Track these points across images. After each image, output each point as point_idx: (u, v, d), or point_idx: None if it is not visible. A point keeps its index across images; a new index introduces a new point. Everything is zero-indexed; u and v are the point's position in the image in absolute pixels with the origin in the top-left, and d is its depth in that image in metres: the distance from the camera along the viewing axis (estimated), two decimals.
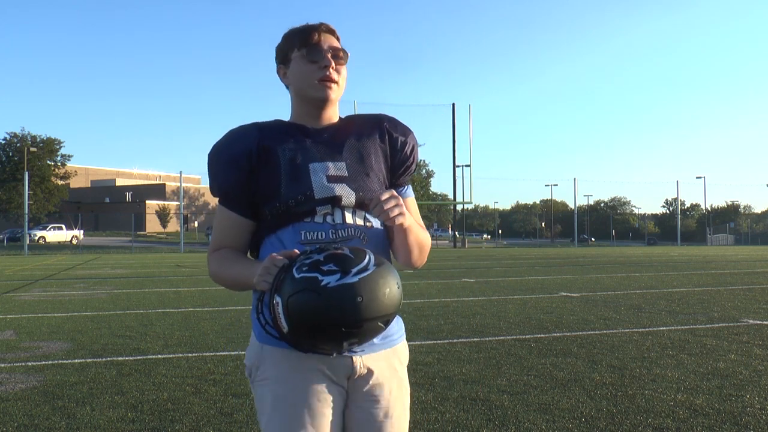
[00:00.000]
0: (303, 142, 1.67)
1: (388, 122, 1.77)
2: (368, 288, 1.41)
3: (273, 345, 1.61)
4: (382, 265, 1.47)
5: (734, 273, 17.42)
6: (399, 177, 1.78)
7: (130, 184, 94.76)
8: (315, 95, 1.67)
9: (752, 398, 4.40)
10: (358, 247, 1.52)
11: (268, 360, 1.62)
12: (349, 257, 1.44)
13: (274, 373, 1.61)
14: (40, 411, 4.20)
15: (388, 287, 1.45)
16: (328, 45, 1.68)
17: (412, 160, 1.79)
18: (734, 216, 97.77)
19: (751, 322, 7.85)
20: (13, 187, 61.23)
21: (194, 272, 19.19)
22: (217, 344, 6.54)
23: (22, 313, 9.19)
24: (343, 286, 1.39)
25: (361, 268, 1.43)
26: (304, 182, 1.63)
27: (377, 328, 1.46)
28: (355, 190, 1.66)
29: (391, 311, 1.47)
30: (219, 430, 3.81)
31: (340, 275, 1.40)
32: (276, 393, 1.59)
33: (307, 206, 1.62)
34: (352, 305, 1.39)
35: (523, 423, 3.88)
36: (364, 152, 1.71)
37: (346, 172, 1.67)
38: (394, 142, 1.76)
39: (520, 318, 8.30)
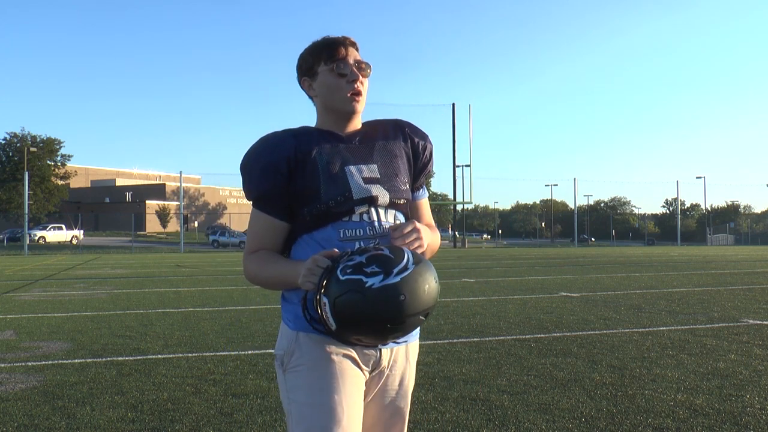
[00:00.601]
0: (337, 146, 1.78)
1: (408, 127, 1.90)
2: (409, 286, 1.51)
3: (308, 332, 1.70)
4: (420, 262, 1.57)
5: (734, 273, 17.42)
6: (418, 179, 1.91)
7: (130, 184, 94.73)
8: (344, 108, 1.78)
9: (752, 398, 4.40)
10: (397, 246, 1.62)
11: (304, 346, 1.70)
12: (390, 257, 1.53)
13: (309, 359, 1.68)
14: (40, 411, 4.20)
15: (427, 283, 1.55)
16: (354, 59, 1.78)
17: (430, 164, 1.92)
18: (734, 216, 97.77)
19: (751, 322, 7.85)
20: (13, 187, 61.23)
21: (194, 272, 19.20)
22: (217, 344, 6.54)
23: (22, 313, 9.19)
24: (387, 287, 1.49)
25: (402, 268, 1.52)
26: (343, 184, 1.73)
27: (418, 322, 1.57)
28: (387, 190, 1.77)
29: (431, 305, 1.57)
30: (219, 430, 3.81)
31: (382, 276, 1.49)
32: (312, 379, 1.67)
33: (346, 206, 1.72)
34: (396, 304, 1.49)
35: (523, 423, 3.88)
36: (392, 155, 1.83)
37: (378, 173, 1.78)
38: (416, 146, 1.88)
39: (520, 318, 8.30)
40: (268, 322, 8.05)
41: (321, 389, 1.65)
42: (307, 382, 1.67)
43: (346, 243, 1.71)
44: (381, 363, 1.76)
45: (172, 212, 77.86)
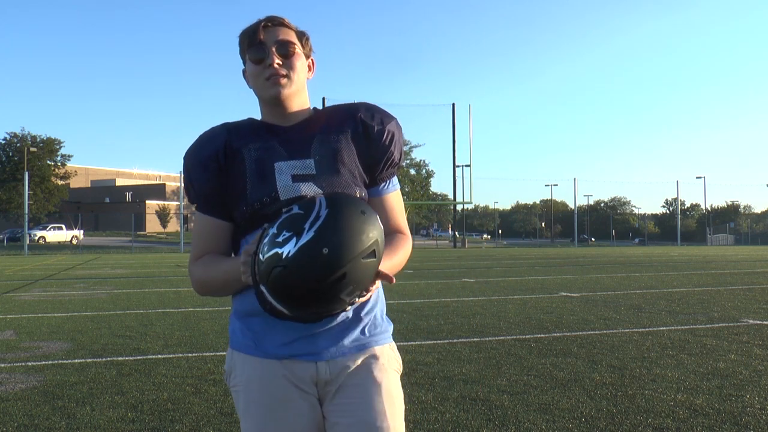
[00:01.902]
0: (270, 140, 1.60)
1: (363, 111, 1.65)
2: (328, 235, 1.33)
3: (240, 351, 1.60)
4: (335, 203, 1.38)
5: (734, 273, 17.41)
6: (381, 171, 1.66)
7: (130, 184, 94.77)
8: (267, 95, 1.60)
9: (752, 398, 4.40)
10: (310, 197, 1.45)
11: (237, 366, 1.61)
12: (299, 213, 1.37)
13: (243, 380, 1.59)
14: (40, 411, 4.20)
15: (351, 221, 1.36)
16: (274, 39, 1.60)
17: (392, 151, 1.65)
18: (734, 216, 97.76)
19: (751, 322, 7.84)
20: (13, 187, 61.23)
21: None
22: (217, 344, 6.54)
23: (22, 313, 9.19)
24: (302, 248, 1.32)
25: (314, 219, 1.35)
26: (270, 183, 1.56)
27: (369, 265, 1.37)
28: (323, 188, 1.57)
29: (368, 243, 1.36)
30: (219, 430, 3.81)
31: (295, 238, 1.33)
32: (245, 401, 1.59)
33: (272, 208, 1.54)
34: (321, 260, 1.31)
35: (523, 423, 3.88)
36: (335, 147, 1.61)
37: (314, 169, 1.58)
38: (370, 132, 1.63)
39: (520, 318, 8.30)
40: None
41: (251, 415, 1.57)
42: (242, 406, 1.60)
43: None
44: (320, 376, 1.56)
45: (172, 212, 77.87)
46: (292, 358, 1.56)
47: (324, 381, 1.57)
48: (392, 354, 1.65)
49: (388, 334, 1.67)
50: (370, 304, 1.64)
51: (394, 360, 1.65)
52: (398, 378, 1.65)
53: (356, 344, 1.59)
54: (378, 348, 1.62)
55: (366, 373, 1.58)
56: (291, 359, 1.56)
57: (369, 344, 1.61)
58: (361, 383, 1.57)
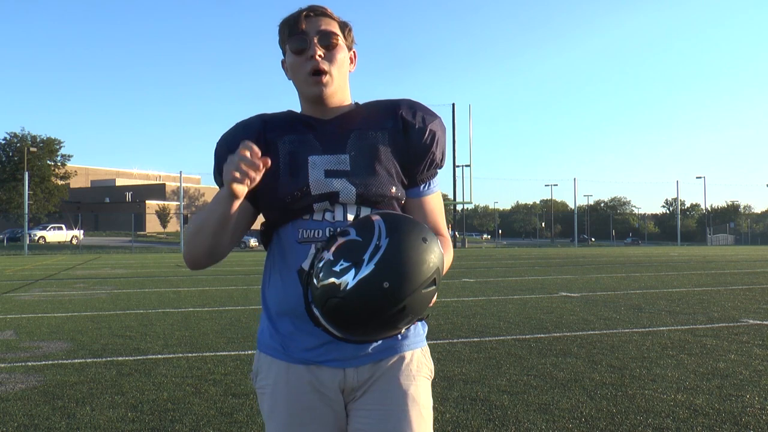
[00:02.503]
0: (306, 134, 1.56)
1: (405, 108, 1.58)
2: (389, 268, 1.27)
3: (267, 353, 1.58)
4: (395, 229, 1.31)
5: (734, 273, 17.41)
6: (422, 171, 1.59)
7: (130, 184, 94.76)
8: (308, 93, 1.55)
9: (752, 398, 4.40)
10: (365, 219, 1.37)
11: (264, 369, 1.58)
12: (357, 241, 1.31)
13: (269, 384, 1.56)
14: (40, 411, 4.20)
15: (413, 251, 1.29)
16: (316, 29, 1.52)
17: (433, 151, 1.58)
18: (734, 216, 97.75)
19: (751, 322, 7.84)
20: (13, 187, 61.23)
21: (194, 272, 19.19)
22: (217, 344, 6.54)
23: (22, 313, 9.19)
24: (362, 282, 1.27)
25: (373, 249, 1.28)
26: (302, 177, 1.52)
27: (428, 294, 1.32)
28: (356, 185, 1.51)
29: (428, 273, 1.30)
30: (219, 430, 3.81)
31: (354, 270, 1.27)
32: (270, 405, 1.56)
33: (303, 203, 1.51)
34: (382, 294, 1.26)
35: (523, 423, 3.88)
36: (372, 143, 1.54)
37: (349, 165, 1.52)
38: (410, 129, 1.56)
39: (520, 318, 8.30)
40: None
41: (275, 420, 1.54)
42: (267, 409, 1.57)
43: (303, 245, 1.51)
44: (347, 383, 1.52)
45: (172, 212, 77.86)
46: (319, 364, 1.52)
47: (351, 388, 1.53)
48: (423, 360, 1.58)
49: (421, 338, 1.60)
50: None
51: (424, 366, 1.58)
52: (428, 385, 1.58)
53: (385, 348, 1.53)
54: (408, 353, 1.55)
55: (392, 378, 1.52)
56: (318, 365, 1.52)
57: (399, 348, 1.54)
58: (386, 389, 1.52)
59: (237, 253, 38.91)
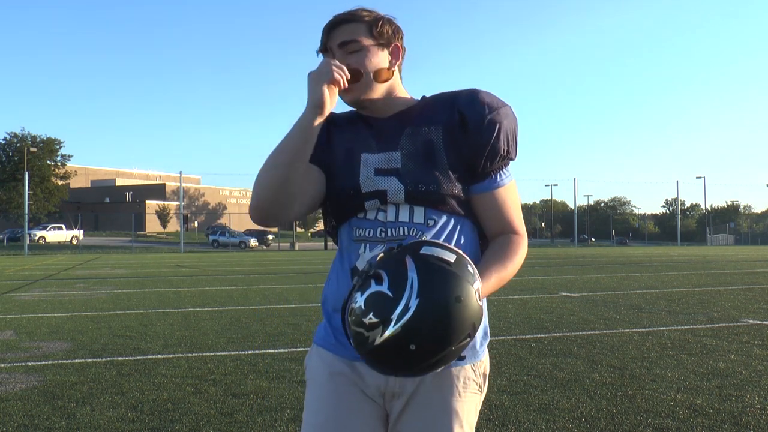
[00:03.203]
0: (362, 131, 1.55)
1: (464, 99, 1.51)
2: (416, 331, 1.22)
3: (320, 346, 1.59)
4: (428, 290, 1.24)
5: (734, 273, 17.42)
6: (485, 164, 1.50)
7: (130, 184, 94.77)
8: (344, 101, 1.55)
9: (752, 398, 4.40)
10: (397, 267, 1.27)
11: (314, 359, 1.60)
12: (388, 297, 1.24)
13: (316, 375, 1.57)
14: (40, 411, 4.20)
15: (443, 315, 1.23)
16: (336, 43, 1.51)
17: (493, 143, 1.48)
18: (734, 216, 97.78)
19: (751, 322, 7.85)
20: (13, 187, 61.23)
21: (194, 272, 19.20)
22: (217, 344, 6.54)
23: (22, 313, 9.19)
24: (390, 341, 1.23)
25: (402, 309, 1.22)
26: (354, 175, 1.51)
27: (457, 350, 1.27)
28: (407, 184, 1.47)
29: (462, 332, 1.25)
30: (219, 430, 3.81)
31: (381, 327, 1.23)
32: (314, 395, 1.56)
33: (355, 201, 1.51)
34: (408, 355, 1.24)
35: (523, 423, 3.88)
36: (425, 139, 1.50)
37: (399, 163, 1.49)
38: (468, 123, 1.48)
39: (520, 318, 8.30)
40: (268, 322, 8.05)
41: (316, 410, 1.54)
42: (309, 399, 1.57)
43: (357, 244, 1.52)
44: (392, 387, 1.50)
45: (172, 212, 77.87)
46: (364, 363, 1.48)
47: (391, 393, 1.50)
48: (473, 375, 1.53)
49: (477, 352, 1.54)
50: None
51: (473, 382, 1.53)
52: (475, 401, 1.54)
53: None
54: (456, 369, 1.50)
55: (436, 394, 1.48)
56: (362, 363, 1.49)
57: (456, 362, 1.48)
58: (428, 404, 1.48)
59: (237, 253, 38.91)
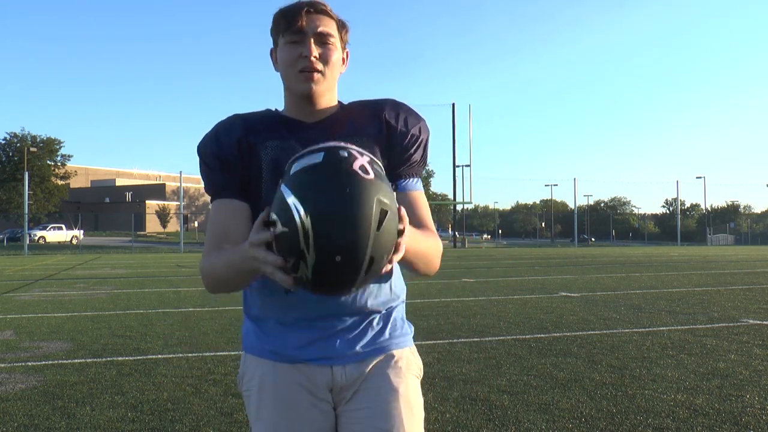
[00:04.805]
0: (288, 139, 1.51)
1: (388, 110, 1.55)
2: (328, 241, 1.17)
3: (253, 354, 1.56)
4: (310, 203, 1.18)
5: (734, 273, 17.41)
6: (403, 169, 1.56)
7: (130, 184, 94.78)
8: (297, 89, 1.50)
9: (752, 398, 4.40)
10: (279, 199, 1.22)
11: (250, 369, 1.56)
12: (285, 234, 1.20)
13: (255, 385, 1.54)
14: (40, 411, 4.20)
15: (339, 213, 1.17)
16: (314, 29, 1.48)
17: (414, 150, 1.55)
18: (734, 216, 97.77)
19: (751, 322, 7.85)
20: (13, 187, 61.24)
21: (194, 272, 19.19)
22: (217, 344, 6.54)
23: (22, 313, 9.19)
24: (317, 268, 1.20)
25: (304, 236, 1.18)
26: None
27: (386, 231, 1.21)
28: None
29: (368, 217, 1.18)
30: (219, 430, 3.81)
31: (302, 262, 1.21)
32: (257, 406, 1.53)
33: None
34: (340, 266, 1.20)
35: (523, 423, 3.88)
36: (357, 144, 1.48)
37: None
38: (393, 131, 1.54)
39: (520, 318, 8.30)
40: None
41: (262, 420, 1.51)
42: (253, 410, 1.54)
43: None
44: (336, 382, 1.50)
45: (172, 212, 77.86)
46: (307, 362, 1.51)
47: (340, 386, 1.52)
48: (412, 358, 1.58)
49: (409, 338, 1.61)
50: (389, 306, 1.58)
51: (414, 364, 1.58)
52: (418, 383, 1.58)
53: (374, 347, 1.53)
54: (397, 351, 1.55)
55: (382, 377, 1.52)
56: (305, 363, 1.51)
57: (388, 347, 1.54)
58: (376, 388, 1.51)
59: None
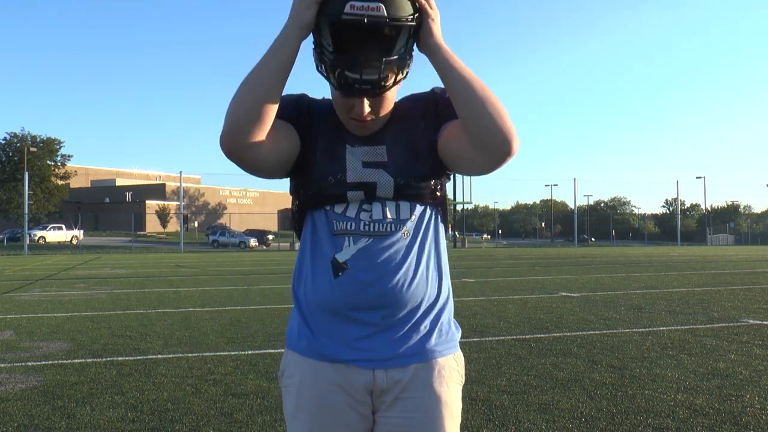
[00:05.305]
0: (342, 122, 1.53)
1: (440, 89, 1.55)
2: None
3: (295, 351, 1.55)
4: None
5: (734, 273, 17.41)
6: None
7: (130, 184, 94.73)
8: (349, 126, 1.53)
9: (752, 398, 4.40)
10: None
11: (290, 366, 1.55)
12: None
13: (295, 382, 1.53)
14: (40, 411, 4.20)
15: None
16: None
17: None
18: (734, 216, 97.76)
19: (751, 322, 7.84)
20: (13, 187, 61.21)
21: (194, 272, 19.19)
22: (217, 344, 6.54)
23: (22, 313, 9.19)
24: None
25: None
26: (339, 164, 1.50)
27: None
28: (394, 176, 1.48)
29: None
30: (219, 430, 3.81)
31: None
32: (295, 403, 1.52)
33: (338, 190, 1.48)
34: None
35: (523, 423, 3.88)
36: (410, 133, 1.53)
37: (386, 157, 1.50)
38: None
39: (520, 318, 8.30)
40: (268, 322, 8.05)
41: (298, 419, 1.51)
42: (290, 408, 1.53)
43: (338, 237, 1.49)
44: (376, 385, 1.49)
45: (172, 212, 77.82)
46: (348, 363, 1.49)
47: (380, 390, 1.49)
48: (455, 365, 1.56)
49: (455, 343, 1.58)
50: (437, 306, 1.56)
51: (456, 372, 1.56)
52: (460, 390, 1.56)
53: (419, 353, 1.50)
54: (441, 359, 1.53)
55: (425, 385, 1.49)
56: (346, 364, 1.49)
57: (432, 354, 1.52)
58: (418, 397, 1.49)
59: (237, 253, 38.91)
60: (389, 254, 1.48)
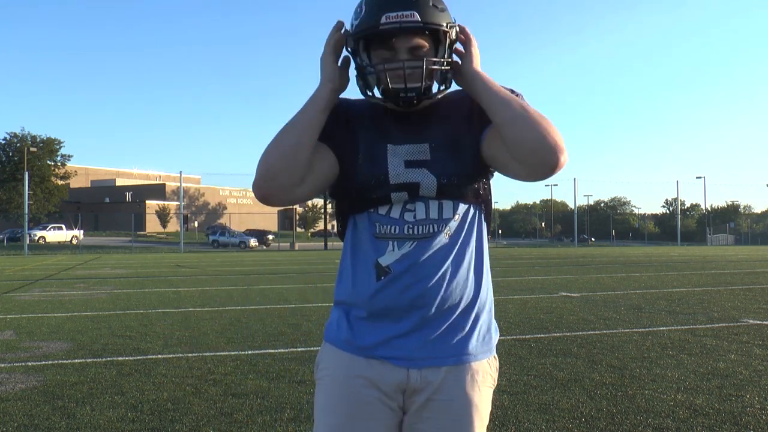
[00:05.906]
0: (384, 122, 1.52)
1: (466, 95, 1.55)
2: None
3: (332, 344, 1.56)
4: None
5: (734, 273, 17.41)
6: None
7: (130, 184, 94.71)
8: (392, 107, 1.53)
9: (752, 398, 4.40)
10: None
11: (326, 359, 1.56)
12: None
13: (329, 374, 1.53)
14: (40, 411, 4.20)
15: None
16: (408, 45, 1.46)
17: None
18: (734, 216, 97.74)
19: (751, 322, 7.84)
20: (13, 187, 61.21)
21: (194, 272, 19.20)
22: (217, 344, 6.54)
23: (22, 313, 9.19)
24: None
25: None
26: (380, 165, 1.47)
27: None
28: (437, 175, 1.47)
29: None
30: (219, 430, 3.81)
31: None
32: (328, 395, 1.52)
33: (380, 192, 1.47)
34: None
35: (523, 423, 3.88)
36: (453, 130, 1.51)
37: (429, 155, 1.48)
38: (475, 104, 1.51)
39: (520, 318, 8.30)
40: (268, 322, 8.05)
41: (331, 411, 1.50)
42: (322, 399, 1.53)
43: (381, 240, 1.48)
44: (410, 384, 1.48)
45: (172, 212, 77.80)
46: (383, 359, 1.48)
47: (413, 389, 1.49)
48: (489, 369, 1.55)
49: (491, 347, 1.57)
50: (476, 309, 1.56)
51: (489, 376, 1.55)
52: (491, 394, 1.56)
53: (455, 356, 1.50)
54: (476, 363, 1.52)
55: (458, 389, 1.49)
56: (381, 361, 1.48)
57: (468, 359, 1.51)
58: (451, 400, 1.48)
59: (237, 253, 38.92)
60: (431, 256, 1.48)
